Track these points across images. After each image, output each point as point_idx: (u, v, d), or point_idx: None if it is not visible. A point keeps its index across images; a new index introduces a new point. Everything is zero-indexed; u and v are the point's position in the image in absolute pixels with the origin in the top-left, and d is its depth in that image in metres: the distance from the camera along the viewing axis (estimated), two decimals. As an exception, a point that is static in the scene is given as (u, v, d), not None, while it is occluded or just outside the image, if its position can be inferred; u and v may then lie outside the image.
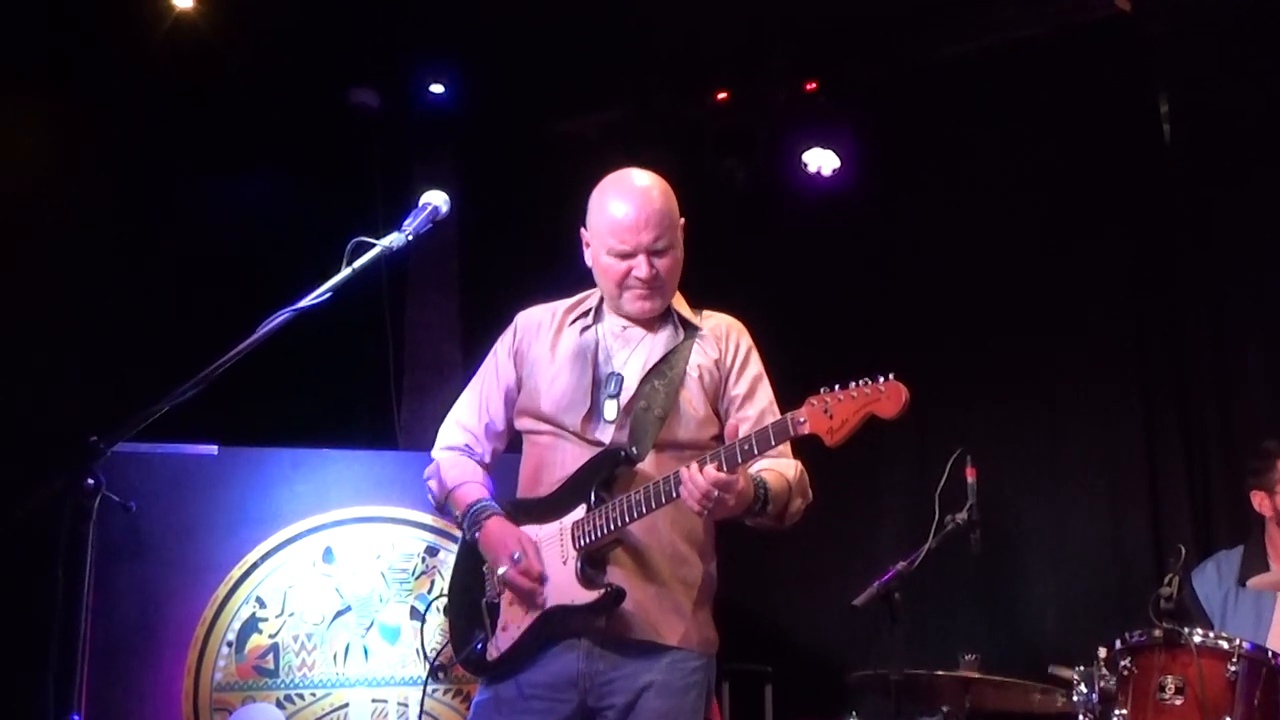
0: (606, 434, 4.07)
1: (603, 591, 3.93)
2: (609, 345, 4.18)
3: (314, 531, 6.13)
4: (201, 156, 6.94)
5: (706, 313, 4.30)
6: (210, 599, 5.92)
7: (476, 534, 4.13)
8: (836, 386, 3.65)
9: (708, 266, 4.61)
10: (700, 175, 7.66)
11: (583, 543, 3.97)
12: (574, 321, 4.26)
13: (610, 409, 4.08)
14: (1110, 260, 6.92)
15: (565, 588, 3.99)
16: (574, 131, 8.05)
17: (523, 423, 4.27)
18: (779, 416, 3.87)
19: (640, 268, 4.05)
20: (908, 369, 3.66)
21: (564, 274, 4.40)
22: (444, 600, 4.67)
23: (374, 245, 3.67)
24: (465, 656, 4.19)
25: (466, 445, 4.34)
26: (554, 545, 4.04)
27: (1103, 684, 4.94)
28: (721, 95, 7.78)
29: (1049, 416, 7.09)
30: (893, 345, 6.72)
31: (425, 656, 6.19)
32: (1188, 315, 6.74)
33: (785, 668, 7.45)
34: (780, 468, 4.02)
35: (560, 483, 4.09)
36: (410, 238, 3.79)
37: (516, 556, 4.00)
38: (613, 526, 3.93)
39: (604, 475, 4.00)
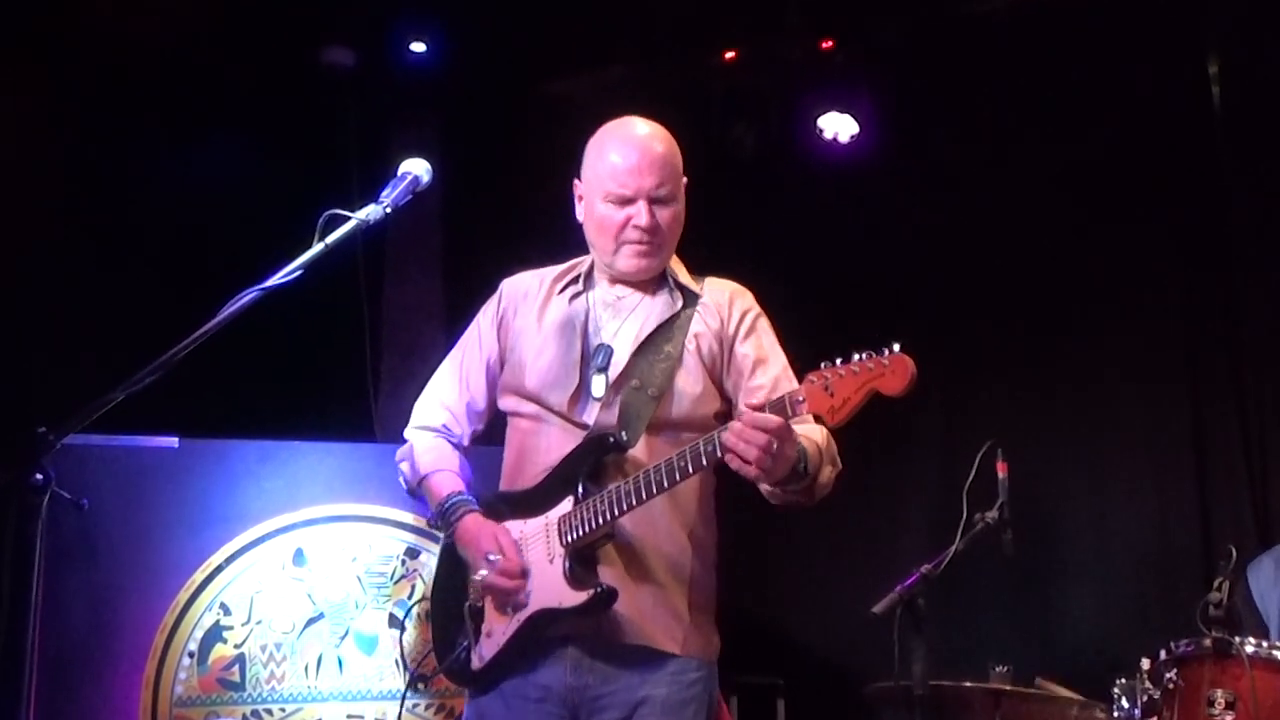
0: (592, 414, 4.04)
1: (592, 593, 3.88)
2: (599, 315, 4.16)
3: (283, 531, 6.13)
4: (158, 122, 6.93)
5: (709, 279, 4.27)
6: (170, 605, 5.92)
7: (452, 532, 4.12)
8: (839, 360, 3.61)
9: (714, 239, 4.62)
10: (706, 141, 7.64)
11: (570, 539, 3.93)
12: (563, 289, 4.24)
13: (598, 385, 4.06)
14: (1155, 233, 6.91)
15: (551, 589, 3.95)
16: (568, 93, 8.03)
17: (507, 402, 4.24)
18: (795, 386, 3.86)
19: (640, 215, 4.03)
20: (932, 352, 3.66)
21: (558, 249, 4.38)
22: (425, 604, 4.68)
23: (349, 219, 3.66)
24: (448, 666, 4.16)
25: (444, 426, 4.31)
26: (540, 542, 4.00)
27: (1146, 698, 4.94)
28: (730, 54, 7.77)
29: (1088, 404, 7.09)
30: (916, 326, 6.71)
31: (405, 666, 6.19)
32: (1241, 292, 6.73)
33: (799, 680, 7.46)
34: (807, 432, 3.94)
35: (546, 472, 4.06)
36: (388, 210, 3.77)
37: (493, 557, 3.97)
38: (602, 520, 3.88)
39: (590, 464, 3.97)
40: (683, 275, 4.22)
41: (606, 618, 3.93)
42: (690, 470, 3.77)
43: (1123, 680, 5.06)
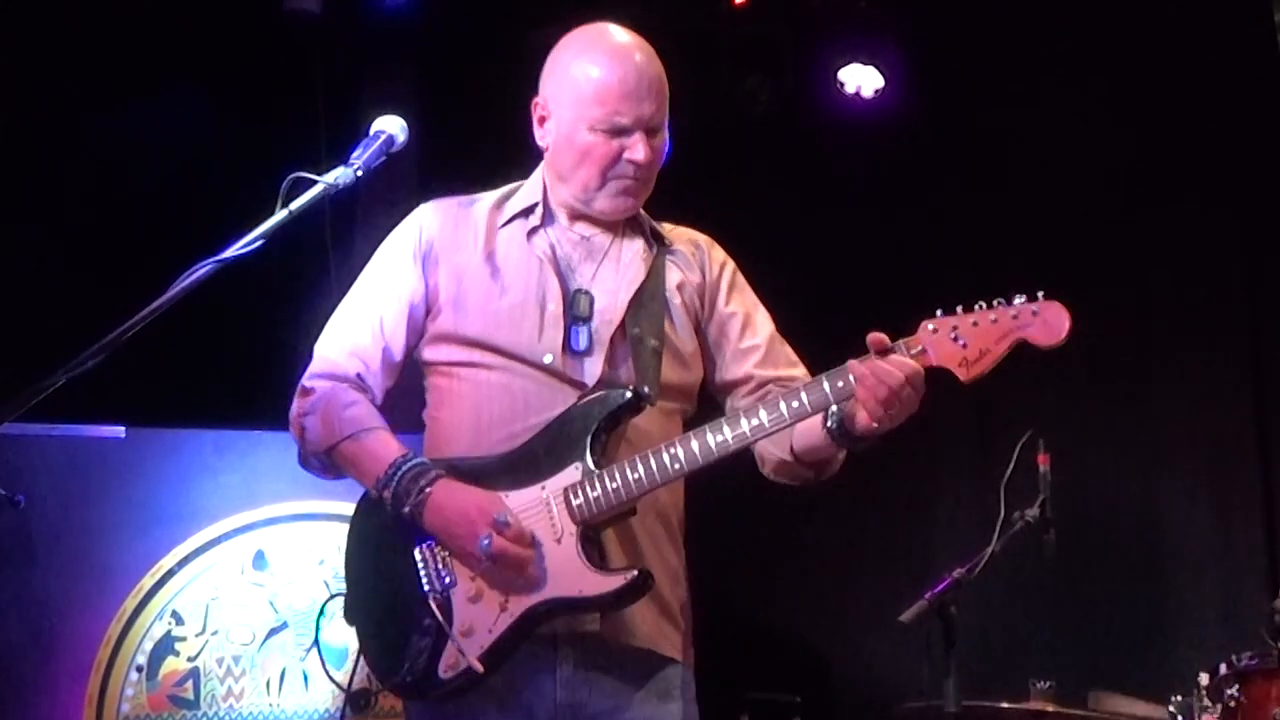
0: (585, 368, 3.86)
1: (628, 578, 3.66)
2: (569, 255, 3.99)
3: (242, 531, 6.15)
4: (106, 77, 6.92)
5: (668, 225, 4.15)
6: (116, 613, 5.94)
7: (418, 503, 3.73)
8: (960, 309, 3.56)
9: (726, 202, 4.60)
10: (716, 96, 7.63)
11: (586, 513, 3.69)
12: (508, 222, 4.05)
13: (581, 337, 3.88)
14: (1215, 206, 6.91)
15: (565, 574, 3.68)
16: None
17: (438, 352, 3.99)
18: (786, 349, 3.84)
19: (637, 149, 3.86)
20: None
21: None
22: (337, 602, 4.50)
23: (316, 182, 3.64)
24: (402, 678, 3.78)
25: (359, 376, 3.99)
26: (537, 518, 3.72)
27: (1205, 716, 4.94)
28: (741, -1, 7.77)
29: (1139, 389, 7.09)
30: (943, 302, 6.71)
31: (337, 684, 6.17)
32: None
33: (818, 698, 7.47)
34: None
35: (528, 433, 3.80)
36: (359, 173, 3.75)
37: (504, 519, 3.66)
38: (631, 491, 3.69)
39: (602, 424, 3.75)
40: (650, 219, 4.10)
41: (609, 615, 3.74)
42: (809, 412, 3.64)
43: (1179, 697, 5.07)
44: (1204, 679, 4.99)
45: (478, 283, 3.95)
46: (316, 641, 6.20)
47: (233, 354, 6.82)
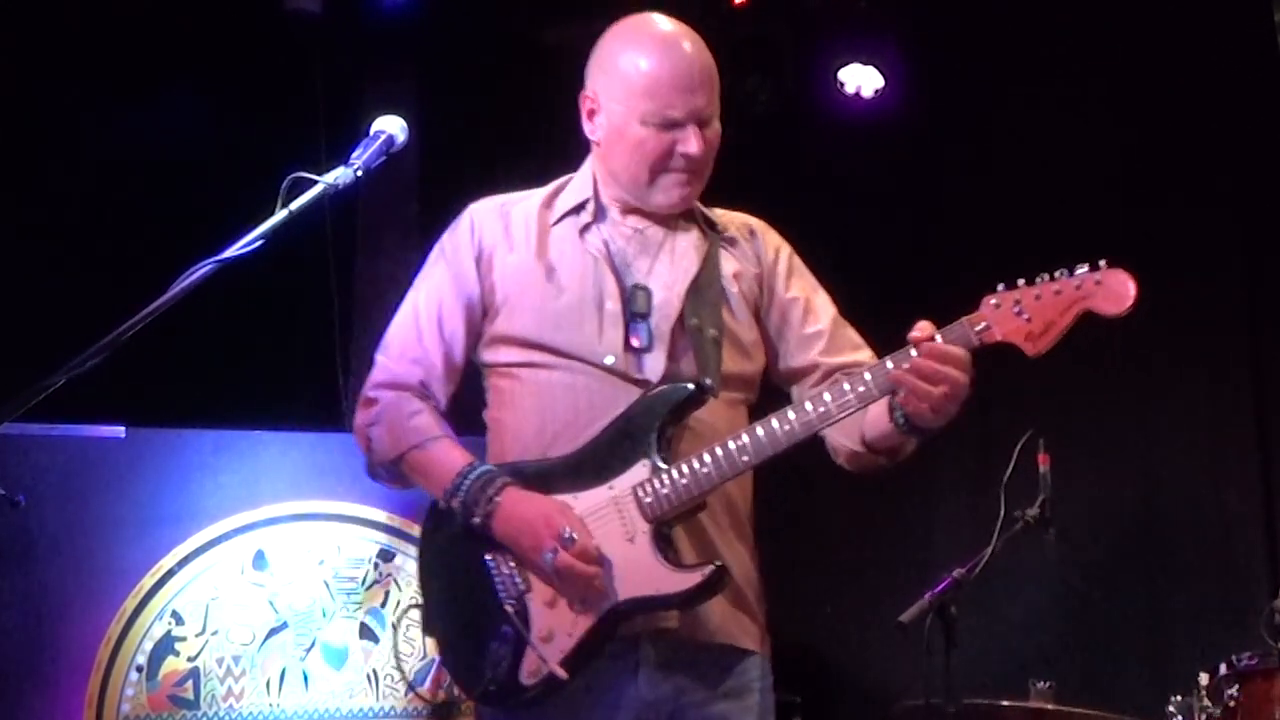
0: (646, 365, 3.83)
1: (705, 574, 3.63)
2: (623, 250, 3.95)
3: (242, 531, 6.14)
4: (106, 77, 6.92)
5: (719, 211, 4.13)
6: (117, 613, 5.93)
7: (487, 513, 3.73)
8: (1021, 281, 3.54)
9: (725, 203, 4.57)
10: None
11: (657, 511, 3.67)
12: (559, 219, 4.00)
13: (642, 333, 3.84)
14: (1215, 206, 6.90)
15: (641, 574, 3.66)
16: (559, 43, 8.01)
17: (497, 354, 3.97)
18: (849, 331, 3.81)
19: (690, 142, 3.82)
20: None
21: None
22: (413, 612, 4.49)
23: (316, 182, 3.63)
24: (485, 687, 3.75)
25: (422, 384, 3.98)
26: (609, 518, 3.70)
27: (1205, 716, 4.95)
28: (740, -1, 7.77)
29: (1140, 390, 7.09)
30: (944, 302, 6.69)
31: (421, 697, 6.17)
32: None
33: (818, 697, 7.45)
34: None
35: (593, 433, 3.78)
36: (360, 173, 3.73)
37: (569, 535, 3.64)
38: (701, 485, 3.67)
39: (664, 421, 3.71)
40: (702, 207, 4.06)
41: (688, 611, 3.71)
42: (853, 408, 3.61)
43: (1179, 697, 5.07)
44: (1204, 679, 4.99)
45: (533, 283, 3.92)
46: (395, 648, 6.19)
47: (233, 354, 6.82)
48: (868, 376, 3.60)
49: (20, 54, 6.80)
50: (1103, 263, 3.51)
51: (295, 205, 3.56)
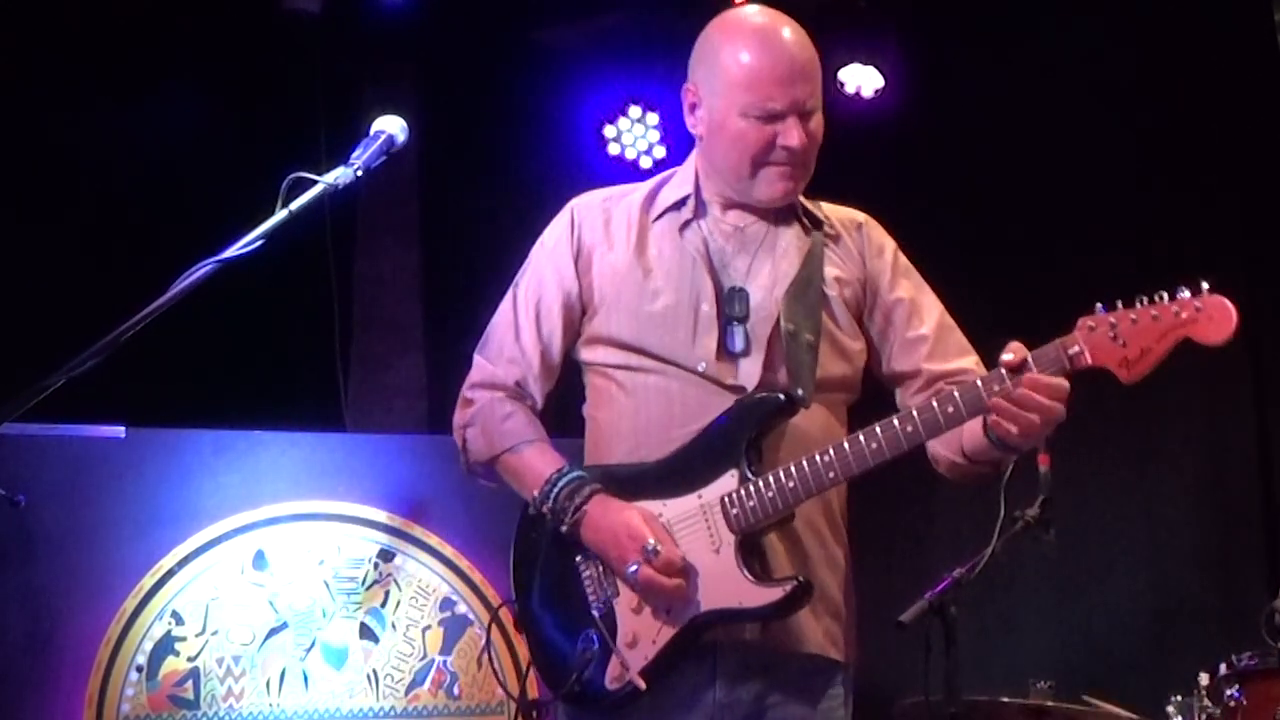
0: (741, 371, 3.78)
1: (788, 589, 3.59)
2: (722, 249, 3.90)
3: (242, 531, 6.14)
4: (106, 77, 6.91)
5: (825, 205, 4.10)
6: (117, 613, 5.93)
7: (575, 521, 3.72)
8: (1120, 304, 3.51)
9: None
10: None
11: (744, 523, 3.63)
12: (660, 216, 3.95)
13: (738, 337, 3.80)
14: (1214, 197, 6.91)
15: (725, 585, 3.63)
16: (558, 43, 8.02)
17: (595, 353, 3.95)
18: (952, 326, 3.81)
19: (791, 134, 3.81)
20: (964, 330, 3.63)
21: (550, 218, 4.28)
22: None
23: (316, 182, 3.63)
24: (570, 688, 3.73)
25: (518, 384, 3.97)
26: (695, 528, 3.67)
27: (1205, 717, 4.94)
28: (738, -2, 7.76)
29: (1140, 388, 7.04)
30: (944, 299, 6.72)
31: (509, 694, 6.16)
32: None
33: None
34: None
35: (685, 439, 3.74)
36: (360, 173, 3.73)
37: (653, 547, 3.61)
38: (787, 499, 3.62)
39: (756, 430, 3.68)
40: (805, 200, 4.01)
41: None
42: (965, 416, 3.57)
43: (1179, 697, 5.07)
44: (1204, 679, 4.99)
45: (630, 283, 3.89)
46: (488, 643, 6.15)
47: (232, 354, 6.82)
48: (958, 397, 3.57)
49: (20, 54, 6.80)
50: (1205, 286, 3.46)
51: (295, 205, 3.57)
